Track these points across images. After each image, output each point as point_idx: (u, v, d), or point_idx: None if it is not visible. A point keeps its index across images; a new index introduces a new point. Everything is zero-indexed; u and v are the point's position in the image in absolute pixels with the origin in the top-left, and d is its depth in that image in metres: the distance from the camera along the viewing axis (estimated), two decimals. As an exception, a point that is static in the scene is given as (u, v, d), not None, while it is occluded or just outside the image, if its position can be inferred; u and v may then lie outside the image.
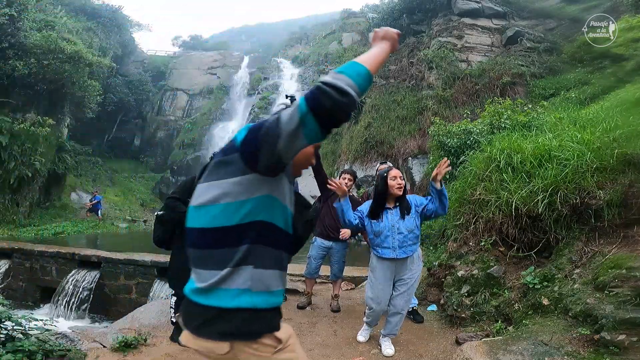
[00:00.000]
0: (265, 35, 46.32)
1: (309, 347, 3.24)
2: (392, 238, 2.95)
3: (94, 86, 15.46)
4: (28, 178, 12.37)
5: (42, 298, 6.99)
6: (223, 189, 1.09)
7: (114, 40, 23.00)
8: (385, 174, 3.00)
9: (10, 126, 11.87)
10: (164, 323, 3.52)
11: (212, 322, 1.08)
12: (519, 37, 13.14)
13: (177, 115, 25.69)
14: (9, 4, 11.64)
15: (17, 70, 12.14)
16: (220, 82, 26.33)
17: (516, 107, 6.60)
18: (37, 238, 10.47)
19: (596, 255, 2.99)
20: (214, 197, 1.10)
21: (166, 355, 2.96)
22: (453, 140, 6.59)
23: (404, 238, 2.96)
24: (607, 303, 2.55)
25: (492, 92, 11.30)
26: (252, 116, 21.28)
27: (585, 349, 2.46)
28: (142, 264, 6.32)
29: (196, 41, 35.53)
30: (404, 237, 2.95)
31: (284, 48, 32.81)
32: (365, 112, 14.03)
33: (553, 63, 11.84)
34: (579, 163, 3.33)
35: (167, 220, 3.13)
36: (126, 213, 17.72)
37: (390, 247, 2.96)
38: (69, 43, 13.53)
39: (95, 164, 20.32)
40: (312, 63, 24.10)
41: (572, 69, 10.59)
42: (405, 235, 2.95)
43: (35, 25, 13.40)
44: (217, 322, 1.08)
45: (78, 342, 2.98)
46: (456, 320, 3.64)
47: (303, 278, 5.07)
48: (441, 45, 13.61)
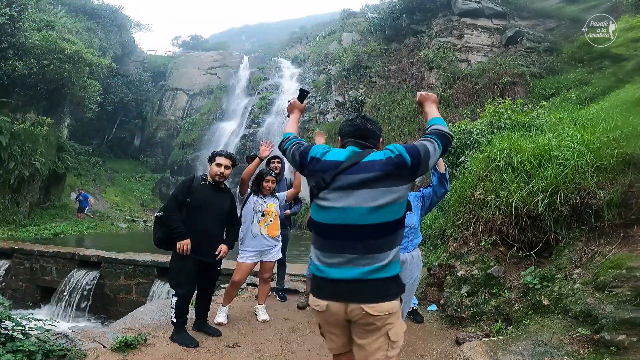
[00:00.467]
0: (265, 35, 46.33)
1: (309, 348, 3.24)
2: None
3: (94, 86, 15.46)
4: (28, 178, 12.37)
5: (42, 298, 7.00)
6: (399, 192, 1.55)
7: (114, 40, 23.00)
8: None
9: (10, 126, 11.86)
10: (164, 323, 3.52)
11: (390, 287, 1.55)
12: (519, 37, 13.14)
13: (177, 115, 25.68)
14: (9, 4, 11.64)
15: (17, 70, 12.14)
16: (220, 82, 26.31)
17: (516, 107, 6.61)
18: (37, 238, 10.47)
19: (596, 255, 2.99)
20: (393, 198, 1.54)
21: (166, 355, 2.96)
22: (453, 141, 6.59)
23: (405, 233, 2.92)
24: (607, 303, 2.55)
25: (492, 92, 11.30)
26: (252, 116, 21.27)
27: (585, 349, 2.46)
28: (142, 264, 6.33)
29: (196, 41, 35.53)
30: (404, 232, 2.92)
31: (284, 48, 32.81)
32: (366, 112, 14.03)
33: (553, 63, 11.85)
34: (579, 163, 3.33)
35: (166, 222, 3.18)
36: (126, 213, 17.72)
37: None
38: (69, 43, 13.53)
39: (95, 164, 20.33)
40: (312, 63, 24.08)
41: (572, 69, 10.59)
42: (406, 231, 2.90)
43: (35, 25, 13.40)
44: (392, 286, 1.56)
45: (78, 342, 2.97)
46: (456, 320, 3.64)
47: (303, 278, 5.08)
48: (441, 45, 13.62)
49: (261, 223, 3.71)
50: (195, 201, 3.20)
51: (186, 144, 23.16)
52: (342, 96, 16.69)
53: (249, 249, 3.68)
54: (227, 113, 23.94)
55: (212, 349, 3.09)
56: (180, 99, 26.15)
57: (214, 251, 3.25)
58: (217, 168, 3.24)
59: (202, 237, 3.18)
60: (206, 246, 3.21)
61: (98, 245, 8.50)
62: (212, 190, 3.28)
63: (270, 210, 3.76)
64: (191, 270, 3.17)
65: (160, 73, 27.64)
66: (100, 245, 8.45)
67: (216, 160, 3.26)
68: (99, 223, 14.52)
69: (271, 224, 3.73)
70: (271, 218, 3.73)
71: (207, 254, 3.22)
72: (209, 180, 3.29)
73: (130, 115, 24.98)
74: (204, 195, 3.23)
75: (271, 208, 3.77)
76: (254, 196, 3.78)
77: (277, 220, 3.82)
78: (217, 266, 3.39)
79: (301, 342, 3.35)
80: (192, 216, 3.17)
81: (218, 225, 3.31)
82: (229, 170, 3.30)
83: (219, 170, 3.23)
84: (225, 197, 3.37)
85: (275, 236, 3.78)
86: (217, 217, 3.28)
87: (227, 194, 3.41)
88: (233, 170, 3.40)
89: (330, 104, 17.80)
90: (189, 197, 3.19)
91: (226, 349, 3.12)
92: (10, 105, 12.90)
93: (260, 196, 3.78)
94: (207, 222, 3.22)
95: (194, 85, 26.48)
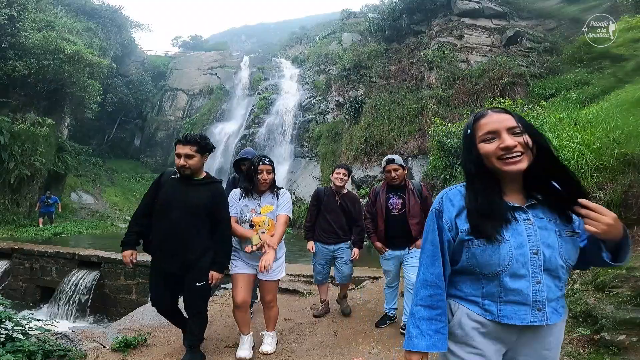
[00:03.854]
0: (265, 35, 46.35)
1: (309, 348, 3.24)
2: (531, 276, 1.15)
3: (94, 86, 15.48)
4: (28, 178, 12.37)
5: (42, 298, 6.99)
6: None
7: (114, 40, 23.02)
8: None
9: (10, 126, 11.88)
10: (164, 323, 3.51)
11: None
12: (519, 37, 13.13)
13: (177, 115, 25.70)
14: (9, 4, 11.65)
15: (17, 70, 12.15)
16: (220, 82, 26.34)
17: (516, 108, 6.61)
18: (37, 238, 10.47)
19: (596, 255, 2.98)
20: None
21: (166, 355, 2.96)
22: (453, 141, 6.60)
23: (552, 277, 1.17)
24: (607, 303, 2.55)
25: (492, 92, 11.30)
26: (252, 116, 21.27)
27: (585, 349, 2.46)
28: (142, 264, 6.26)
29: (196, 41, 35.56)
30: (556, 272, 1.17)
31: (284, 48, 32.81)
32: (365, 112, 14.04)
33: (553, 63, 11.84)
34: (579, 163, 3.33)
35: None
36: (126, 213, 17.72)
37: (525, 299, 1.15)
38: (69, 43, 13.55)
39: (95, 164, 20.35)
40: (312, 63, 24.09)
41: (572, 69, 10.59)
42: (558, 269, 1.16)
43: (35, 26, 13.42)
44: None
45: (78, 342, 2.97)
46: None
47: (303, 278, 5.06)
48: (441, 45, 13.61)
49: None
50: (161, 199, 2.67)
51: (186, 144, 23.16)
52: (342, 96, 16.68)
53: (239, 257, 2.90)
54: (227, 113, 23.95)
55: (212, 349, 3.09)
56: (180, 99, 26.18)
57: (184, 257, 2.62)
58: (177, 160, 2.62)
59: (166, 242, 2.63)
60: (169, 252, 2.63)
61: (98, 245, 8.49)
62: (181, 185, 2.66)
63: (262, 219, 2.81)
64: (156, 281, 2.74)
65: (160, 73, 27.67)
66: (100, 245, 8.44)
67: (175, 150, 2.65)
68: (99, 223, 14.51)
69: (265, 234, 2.82)
70: (264, 229, 2.82)
71: (170, 262, 2.64)
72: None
73: (130, 116, 24.99)
74: (171, 191, 2.66)
75: (265, 215, 2.82)
76: (243, 199, 2.88)
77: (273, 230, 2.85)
78: (196, 280, 2.65)
79: (301, 343, 3.34)
80: (157, 217, 2.67)
81: (189, 224, 2.63)
82: (194, 160, 2.61)
83: (179, 162, 2.61)
84: (200, 190, 2.67)
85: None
86: (188, 215, 2.62)
87: (204, 187, 2.70)
88: (206, 157, 2.72)
89: (330, 104, 17.80)
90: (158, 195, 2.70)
91: (226, 349, 3.11)
92: (10, 105, 12.91)
93: (254, 196, 2.87)
94: (173, 223, 2.60)
95: (194, 86, 26.50)
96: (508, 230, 1.13)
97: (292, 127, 19.55)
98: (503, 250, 1.11)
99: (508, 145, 1.10)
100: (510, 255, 1.11)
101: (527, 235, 1.13)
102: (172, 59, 29.47)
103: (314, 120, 19.06)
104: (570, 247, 1.15)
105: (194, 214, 2.62)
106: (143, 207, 2.74)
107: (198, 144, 2.61)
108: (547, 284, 1.13)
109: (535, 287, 1.12)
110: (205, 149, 2.66)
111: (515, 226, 1.14)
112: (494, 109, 1.19)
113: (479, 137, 1.16)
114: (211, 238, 2.70)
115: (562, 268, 1.14)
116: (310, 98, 20.67)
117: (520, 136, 1.11)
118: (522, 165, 1.10)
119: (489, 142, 1.14)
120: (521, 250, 1.11)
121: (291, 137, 19.27)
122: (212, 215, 2.68)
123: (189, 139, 2.61)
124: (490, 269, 1.13)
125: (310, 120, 19.26)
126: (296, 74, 24.70)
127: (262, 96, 22.52)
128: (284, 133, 19.52)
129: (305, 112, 20.17)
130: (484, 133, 1.15)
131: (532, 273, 1.12)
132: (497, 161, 1.12)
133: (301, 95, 21.48)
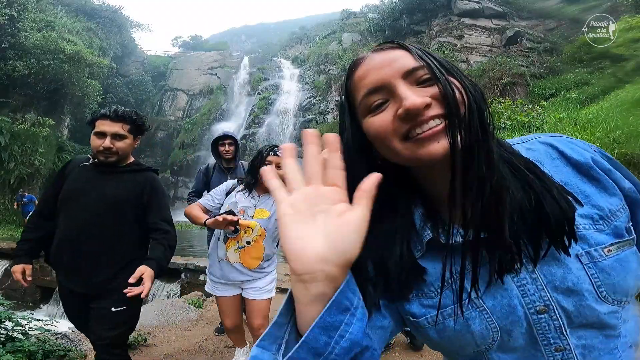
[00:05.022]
0: (265, 35, 46.42)
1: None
2: (543, 345, 0.55)
3: (94, 86, 15.51)
4: (28, 178, 12.39)
5: (42, 298, 6.99)
6: None
7: (114, 40, 23.05)
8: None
9: (10, 126, 11.90)
10: (164, 323, 3.52)
11: None
12: (519, 38, 13.15)
13: (177, 115, 25.73)
14: (9, 4, 11.66)
15: (17, 70, 12.17)
16: (220, 82, 26.38)
17: (516, 108, 6.61)
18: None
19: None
20: None
21: (166, 355, 2.96)
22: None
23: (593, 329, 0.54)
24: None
25: (492, 92, 11.31)
26: (252, 116, 21.30)
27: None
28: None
29: (196, 41, 35.62)
30: (599, 324, 0.53)
31: (284, 48, 32.87)
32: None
33: (553, 63, 11.86)
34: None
35: None
36: (126, 213, 17.74)
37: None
38: (69, 43, 13.57)
39: (95, 164, 20.34)
40: (312, 63, 24.12)
41: (572, 69, 10.61)
42: (600, 317, 0.53)
43: (35, 26, 13.43)
44: None
45: (78, 343, 2.97)
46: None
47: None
48: (441, 45, 13.63)
49: (230, 244, 2.16)
50: (63, 193, 1.85)
51: (186, 144, 23.21)
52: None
53: (213, 277, 2.27)
54: (227, 113, 23.98)
55: (211, 349, 3.09)
56: (180, 99, 26.21)
57: (93, 274, 1.78)
58: (99, 140, 1.78)
59: (65, 252, 1.81)
60: (71, 267, 1.81)
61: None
62: (95, 173, 1.85)
63: (251, 225, 2.12)
64: (70, 305, 1.95)
65: (160, 73, 27.70)
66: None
67: (96, 127, 1.80)
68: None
69: (247, 247, 2.15)
70: (250, 238, 2.14)
71: (75, 279, 1.82)
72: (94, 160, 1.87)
73: (130, 116, 25.03)
74: (80, 182, 1.84)
75: (256, 221, 2.14)
76: (236, 194, 2.21)
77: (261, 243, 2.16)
78: (112, 303, 1.77)
79: (301, 342, 3.35)
80: (59, 216, 1.86)
81: (106, 227, 1.79)
82: (124, 142, 1.82)
83: (101, 144, 1.78)
84: (125, 179, 1.87)
85: (255, 267, 2.18)
86: (104, 213, 1.79)
87: (130, 175, 1.89)
88: (138, 140, 1.92)
89: (330, 104, 17.83)
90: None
91: (226, 349, 3.12)
92: (10, 105, 12.93)
93: (252, 194, 2.20)
94: (80, 225, 1.79)
95: (194, 86, 26.54)
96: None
97: (292, 127, 19.58)
98: (475, 326, 0.55)
99: (412, 105, 0.47)
100: (491, 328, 0.55)
101: (517, 285, 0.53)
102: (172, 59, 29.53)
103: (314, 120, 19.08)
104: (620, 271, 0.52)
105: (114, 213, 1.80)
106: (42, 206, 1.97)
107: (133, 122, 1.84)
108: (585, 343, 0.54)
109: (557, 356, 0.54)
110: (140, 129, 1.91)
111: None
112: (380, 45, 0.56)
113: (362, 106, 0.54)
114: (140, 249, 1.88)
115: (608, 315, 0.53)
116: (310, 98, 20.71)
117: (430, 85, 0.50)
118: (447, 142, 0.48)
119: (379, 112, 0.52)
120: (511, 318, 0.54)
121: (291, 137, 19.30)
122: (142, 216, 1.86)
123: (120, 113, 1.80)
124: (464, 351, 0.59)
125: (310, 120, 19.29)
126: (296, 74, 24.74)
127: (262, 96, 22.56)
128: (284, 133, 19.54)
129: (305, 112, 20.20)
130: (365, 94, 0.53)
131: (545, 341, 0.54)
132: (403, 144, 0.50)
133: (301, 96, 21.51)
